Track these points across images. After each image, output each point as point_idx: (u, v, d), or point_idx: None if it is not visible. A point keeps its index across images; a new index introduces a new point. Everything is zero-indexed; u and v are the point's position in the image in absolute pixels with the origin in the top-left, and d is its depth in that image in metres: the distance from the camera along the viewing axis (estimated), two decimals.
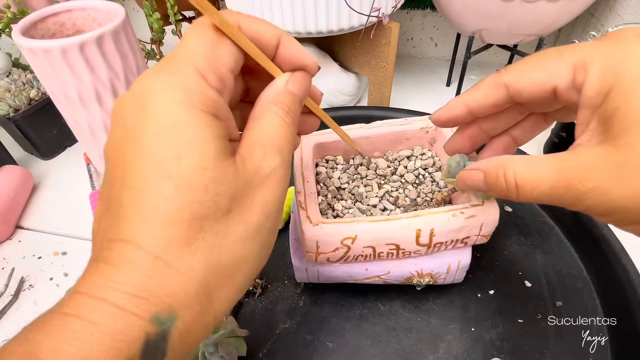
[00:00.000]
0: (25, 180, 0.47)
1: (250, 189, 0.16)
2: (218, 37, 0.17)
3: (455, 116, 0.24)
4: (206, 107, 0.15)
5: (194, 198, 0.14)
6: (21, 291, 0.38)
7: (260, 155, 0.17)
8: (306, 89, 0.20)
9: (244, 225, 0.16)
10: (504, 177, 0.19)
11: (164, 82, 0.15)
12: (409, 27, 0.68)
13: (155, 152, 0.14)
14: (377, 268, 0.30)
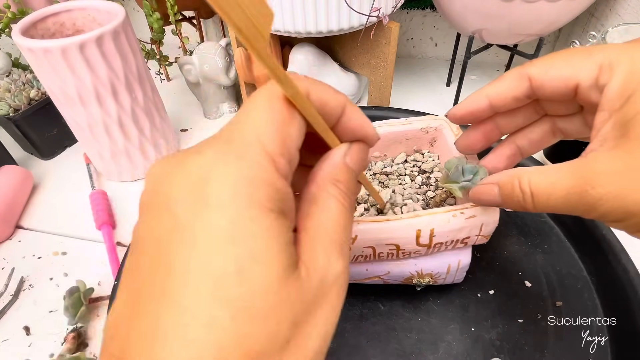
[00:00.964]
0: (25, 180, 0.47)
1: (313, 308, 0.13)
2: (289, 111, 0.14)
3: (477, 109, 0.23)
4: (274, 204, 0.13)
5: (250, 330, 0.11)
6: (21, 291, 0.38)
7: (324, 260, 0.14)
8: (364, 163, 0.18)
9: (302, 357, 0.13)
10: (520, 187, 0.19)
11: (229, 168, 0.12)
12: (409, 27, 0.68)
13: (214, 266, 0.12)
14: (377, 268, 0.30)
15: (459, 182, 0.27)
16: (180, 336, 0.11)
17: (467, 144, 0.26)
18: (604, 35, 0.37)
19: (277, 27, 0.44)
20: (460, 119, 0.24)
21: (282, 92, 0.14)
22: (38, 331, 0.35)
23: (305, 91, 0.15)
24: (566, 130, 0.23)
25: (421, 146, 0.35)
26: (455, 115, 0.24)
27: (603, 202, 0.16)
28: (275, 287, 0.12)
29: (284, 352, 0.12)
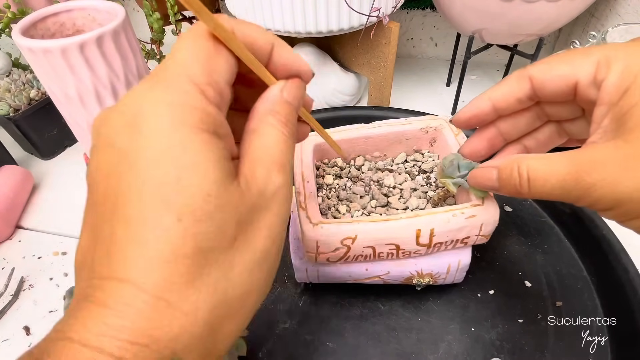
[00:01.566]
0: (25, 180, 0.47)
1: (255, 213, 0.15)
2: (215, 46, 0.15)
3: (480, 112, 0.23)
4: (206, 125, 0.14)
5: (197, 229, 0.13)
6: (21, 291, 0.38)
7: (264, 175, 0.16)
8: (301, 97, 0.19)
9: (250, 254, 0.15)
10: (518, 172, 0.19)
11: (159, 99, 0.14)
12: (409, 27, 0.68)
13: (153, 179, 0.13)
14: (377, 268, 0.30)
15: (453, 177, 0.27)
16: (135, 244, 0.13)
17: (472, 151, 0.26)
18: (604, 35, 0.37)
19: (277, 27, 0.44)
20: (465, 123, 0.25)
21: (207, 29, 0.15)
22: (38, 331, 0.35)
23: (230, 27, 0.16)
24: (571, 131, 0.24)
25: (421, 146, 0.35)
26: (460, 119, 0.24)
27: (597, 188, 0.17)
28: (214, 193, 0.13)
29: (232, 247, 0.14)
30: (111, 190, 0.13)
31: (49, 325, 0.35)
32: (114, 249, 0.13)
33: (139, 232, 0.13)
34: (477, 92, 0.65)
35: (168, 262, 0.13)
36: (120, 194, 0.13)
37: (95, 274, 0.13)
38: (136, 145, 0.13)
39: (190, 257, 0.13)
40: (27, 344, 0.34)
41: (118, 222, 0.13)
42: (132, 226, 0.13)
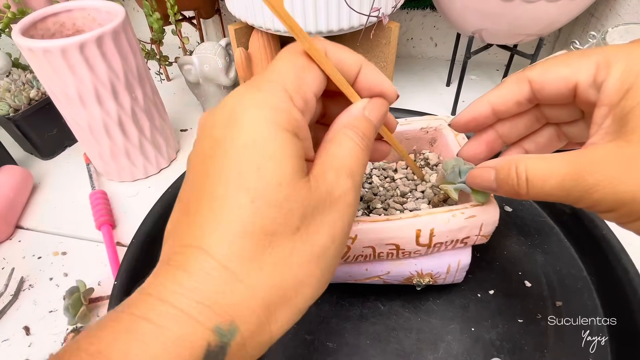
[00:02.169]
0: (25, 180, 0.47)
1: (320, 210, 0.16)
2: (307, 62, 0.18)
3: (478, 116, 0.23)
4: (290, 126, 0.16)
5: (267, 212, 0.15)
6: (21, 291, 0.38)
7: (333, 178, 0.17)
8: (382, 116, 0.20)
9: (309, 246, 0.16)
10: (516, 172, 0.19)
11: (255, 99, 0.16)
12: (409, 27, 0.68)
13: (238, 164, 0.15)
14: (377, 268, 0.30)
15: (455, 183, 0.27)
16: (213, 217, 0.15)
17: (471, 154, 0.26)
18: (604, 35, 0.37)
19: (277, 27, 0.44)
20: (463, 126, 0.25)
21: (302, 48, 0.18)
22: (38, 331, 0.35)
23: (323, 48, 0.18)
24: (571, 135, 0.23)
25: (421, 146, 0.35)
26: (459, 123, 0.24)
27: (598, 189, 0.17)
28: (286, 183, 0.15)
29: (294, 236, 0.15)
30: (204, 171, 0.16)
31: (49, 325, 0.35)
32: (197, 220, 0.15)
33: (219, 207, 0.15)
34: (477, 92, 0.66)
35: (238, 237, 0.14)
36: (211, 174, 0.15)
37: (178, 241, 0.15)
38: (230, 136, 0.15)
39: (257, 236, 0.14)
40: (27, 344, 0.34)
41: (204, 198, 0.15)
42: (214, 202, 0.15)
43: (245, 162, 0.15)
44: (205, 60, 0.51)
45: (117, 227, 0.43)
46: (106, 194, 0.46)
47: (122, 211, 0.45)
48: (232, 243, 0.14)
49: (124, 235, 0.42)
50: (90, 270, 0.39)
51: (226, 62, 0.52)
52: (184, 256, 0.14)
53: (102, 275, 0.38)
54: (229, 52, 0.54)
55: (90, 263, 0.40)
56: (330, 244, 0.16)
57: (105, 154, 0.45)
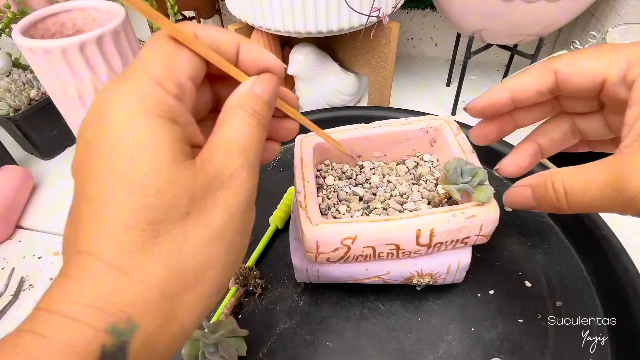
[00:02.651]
0: (25, 180, 0.47)
1: (210, 191, 0.16)
2: (175, 46, 0.17)
3: (497, 102, 0.23)
4: (162, 112, 0.15)
5: (146, 202, 0.14)
6: (21, 291, 0.38)
7: (222, 157, 0.16)
8: (274, 91, 0.19)
9: (204, 228, 0.15)
10: (553, 188, 0.19)
11: (120, 92, 0.15)
12: (409, 27, 0.68)
13: (109, 160, 0.14)
14: (377, 268, 0.30)
15: (457, 183, 0.27)
16: (94, 218, 0.14)
17: (482, 134, 0.25)
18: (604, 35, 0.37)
19: (277, 27, 0.44)
20: (480, 111, 0.24)
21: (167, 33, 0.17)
22: None
23: (192, 31, 0.17)
24: (585, 130, 0.23)
25: (421, 146, 0.35)
26: (476, 107, 0.24)
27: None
28: (164, 169, 0.15)
29: (185, 221, 0.15)
30: (82, 177, 0.15)
31: None
32: (79, 226, 0.14)
33: (97, 208, 0.14)
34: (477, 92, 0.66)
35: (120, 233, 0.14)
36: (87, 177, 0.15)
37: (67, 251, 0.15)
38: (98, 134, 0.15)
39: (140, 228, 0.14)
40: None
41: (83, 202, 0.15)
42: (92, 203, 0.14)
43: (118, 157, 0.14)
44: None
45: None
46: None
47: None
48: (115, 240, 0.14)
49: None
50: None
51: None
52: (71, 264, 0.14)
53: None
54: None
55: None
56: (229, 223, 0.16)
57: None
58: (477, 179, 0.27)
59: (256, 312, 0.34)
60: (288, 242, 0.33)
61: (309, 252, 0.28)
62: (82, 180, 0.15)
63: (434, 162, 0.35)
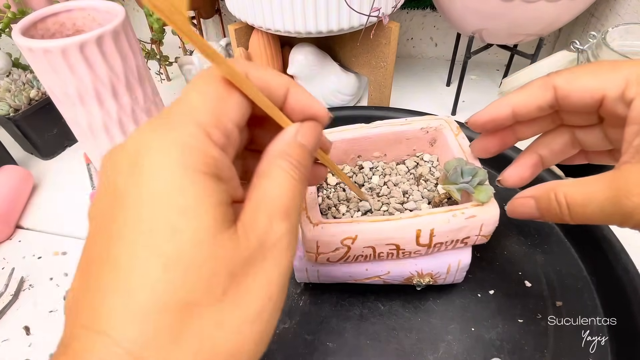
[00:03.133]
0: (25, 180, 0.47)
1: (251, 265, 0.14)
2: (226, 89, 0.15)
3: (498, 117, 0.23)
4: (207, 168, 0.14)
5: (184, 280, 0.12)
6: (21, 291, 0.38)
7: (265, 223, 0.15)
8: (317, 140, 0.18)
9: (242, 311, 0.13)
10: (556, 200, 0.19)
11: (162, 138, 0.13)
12: (409, 27, 0.68)
13: (146, 223, 0.12)
14: (377, 268, 0.30)
15: (457, 183, 0.27)
16: (117, 292, 0.12)
17: (483, 147, 0.26)
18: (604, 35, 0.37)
19: (277, 27, 0.44)
20: (481, 126, 0.24)
21: (219, 73, 0.15)
22: (38, 331, 0.35)
23: (244, 71, 0.16)
24: (585, 142, 0.24)
25: (421, 146, 0.35)
26: (477, 122, 0.24)
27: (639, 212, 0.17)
28: (207, 241, 0.13)
29: (222, 303, 0.13)
30: (105, 229, 0.13)
31: (49, 325, 0.35)
32: (97, 295, 0.12)
33: (124, 279, 0.12)
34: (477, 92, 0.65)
35: (148, 315, 0.12)
36: (113, 235, 0.13)
37: (78, 320, 0.12)
38: (134, 186, 0.13)
39: (173, 312, 0.12)
40: (27, 344, 0.34)
41: (106, 267, 0.12)
42: (119, 273, 0.12)
43: (155, 220, 0.12)
44: (205, 60, 0.51)
45: None
46: None
47: None
48: (141, 323, 0.12)
49: None
50: None
51: None
52: (82, 342, 0.12)
53: None
54: (229, 52, 0.54)
55: None
56: (267, 303, 0.14)
57: None
58: (477, 179, 0.27)
59: None
60: None
61: (309, 252, 0.28)
62: (108, 237, 0.13)
63: (434, 162, 0.35)
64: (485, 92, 0.60)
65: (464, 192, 0.28)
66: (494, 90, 0.61)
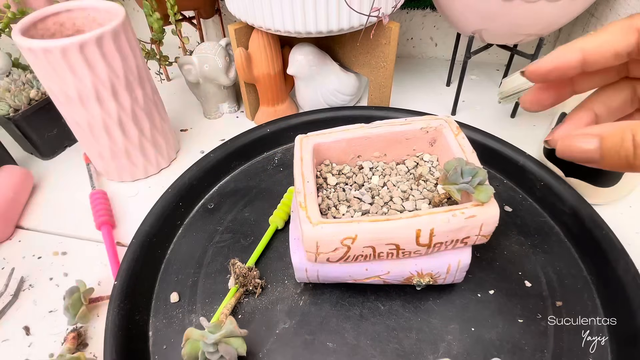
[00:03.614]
0: (25, 180, 0.47)
1: None
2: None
3: (565, 64, 0.20)
4: None
5: None
6: (21, 291, 0.38)
7: None
8: None
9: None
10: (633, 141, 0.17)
11: None
12: (409, 27, 0.68)
13: None
14: (377, 268, 0.30)
15: (457, 183, 0.27)
16: None
17: (536, 100, 0.23)
18: None
19: (277, 27, 0.44)
20: (542, 76, 0.21)
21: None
22: (38, 331, 0.35)
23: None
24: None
25: (421, 146, 0.35)
26: (539, 70, 0.21)
27: None
28: None
29: None
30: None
31: (48, 325, 0.35)
32: None
33: None
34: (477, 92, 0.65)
35: None
36: None
37: None
38: None
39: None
40: (27, 344, 0.34)
41: None
42: None
43: None
44: (205, 60, 0.51)
45: (117, 227, 0.43)
46: (106, 194, 0.46)
47: (122, 211, 0.45)
48: None
49: (124, 235, 0.42)
50: (90, 270, 0.39)
51: (226, 62, 0.52)
52: None
53: (102, 275, 0.38)
54: (229, 52, 0.54)
55: (90, 263, 0.40)
56: None
57: (105, 154, 0.45)
58: (477, 179, 0.27)
59: (256, 312, 0.34)
60: (288, 242, 0.33)
61: (309, 252, 0.28)
62: None
63: (434, 162, 0.35)
64: (485, 92, 0.60)
65: (464, 192, 0.28)
66: (494, 90, 0.61)
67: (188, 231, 0.40)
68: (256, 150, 0.49)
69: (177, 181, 0.42)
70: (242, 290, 0.34)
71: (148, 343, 0.32)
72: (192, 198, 0.43)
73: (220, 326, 0.29)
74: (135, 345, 0.31)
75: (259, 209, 0.42)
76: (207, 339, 0.27)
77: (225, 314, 0.32)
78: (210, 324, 0.28)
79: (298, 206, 0.28)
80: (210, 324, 0.28)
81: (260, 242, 0.38)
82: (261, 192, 0.43)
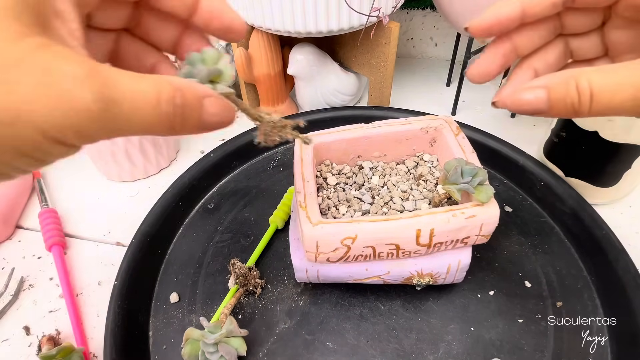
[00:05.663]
0: (25, 180, 0.47)
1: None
2: None
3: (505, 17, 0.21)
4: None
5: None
6: (21, 291, 0.38)
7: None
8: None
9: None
10: (577, 88, 0.18)
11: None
12: (409, 27, 0.68)
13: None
14: (377, 268, 0.30)
15: (457, 183, 0.27)
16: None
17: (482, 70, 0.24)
18: None
19: (277, 27, 0.44)
20: (485, 30, 0.22)
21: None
22: (38, 331, 0.35)
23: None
24: (578, 50, 0.23)
25: (421, 146, 0.35)
26: (482, 25, 0.21)
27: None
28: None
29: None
30: None
31: (49, 325, 0.35)
32: None
33: None
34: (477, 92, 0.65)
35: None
36: None
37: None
38: None
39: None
40: (27, 344, 0.34)
41: None
42: None
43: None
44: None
45: (117, 227, 0.43)
46: (56, 212, 0.43)
47: (122, 211, 0.45)
48: None
49: (124, 235, 0.42)
50: (90, 270, 0.39)
51: None
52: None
53: (102, 275, 0.38)
54: (229, 52, 0.54)
55: (90, 263, 0.40)
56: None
57: (105, 154, 0.45)
58: (477, 179, 0.27)
59: (256, 312, 0.34)
60: (288, 242, 0.33)
61: (308, 252, 0.28)
62: None
63: (434, 162, 0.35)
64: (485, 92, 0.60)
65: (464, 192, 0.28)
66: (494, 90, 0.61)
67: (188, 231, 0.40)
68: (256, 150, 0.49)
69: (177, 181, 0.42)
70: (242, 290, 0.34)
71: (148, 343, 0.32)
72: (192, 198, 0.43)
73: (220, 326, 0.29)
74: (135, 345, 0.32)
75: (259, 209, 0.42)
76: (207, 339, 0.27)
77: (225, 314, 0.32)
78: (210, 324, 0.28)
79: (298, 206, 0.28)
80: (210, 324, 0.28)
81: (260, 242, 0.38)
82: (261, 192, 0.43)
